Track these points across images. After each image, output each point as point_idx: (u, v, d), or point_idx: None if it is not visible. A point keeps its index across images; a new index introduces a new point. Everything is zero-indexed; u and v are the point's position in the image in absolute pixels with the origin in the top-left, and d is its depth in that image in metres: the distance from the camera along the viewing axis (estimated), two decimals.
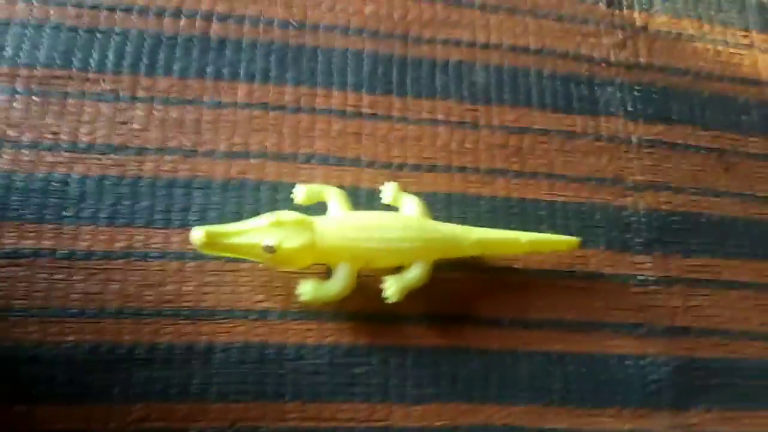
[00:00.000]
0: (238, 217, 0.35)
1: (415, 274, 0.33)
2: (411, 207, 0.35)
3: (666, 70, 0.45)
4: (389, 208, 0.36)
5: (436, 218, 0.37)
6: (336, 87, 0.40)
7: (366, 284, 0.35)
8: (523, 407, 0.34)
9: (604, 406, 0.35)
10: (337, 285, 0.32)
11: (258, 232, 0.31)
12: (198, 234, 0.30)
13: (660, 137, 0.43)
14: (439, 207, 0.38)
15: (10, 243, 0.33)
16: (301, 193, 0.34)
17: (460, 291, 0.36)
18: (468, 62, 0.43)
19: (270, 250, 0.30)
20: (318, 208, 0.35)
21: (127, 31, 0.39)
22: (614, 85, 0.44)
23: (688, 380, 0.36)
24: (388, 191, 0.36)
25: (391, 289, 0.33)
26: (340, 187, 0.36)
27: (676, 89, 0.45)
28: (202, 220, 0.35)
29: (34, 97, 0.37)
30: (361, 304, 0.35)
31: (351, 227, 0.32)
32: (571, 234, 0.38)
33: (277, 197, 0.36)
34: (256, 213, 0.33)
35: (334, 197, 0.34)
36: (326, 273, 0.34)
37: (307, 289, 0.32)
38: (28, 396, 0.30)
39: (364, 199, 0.37)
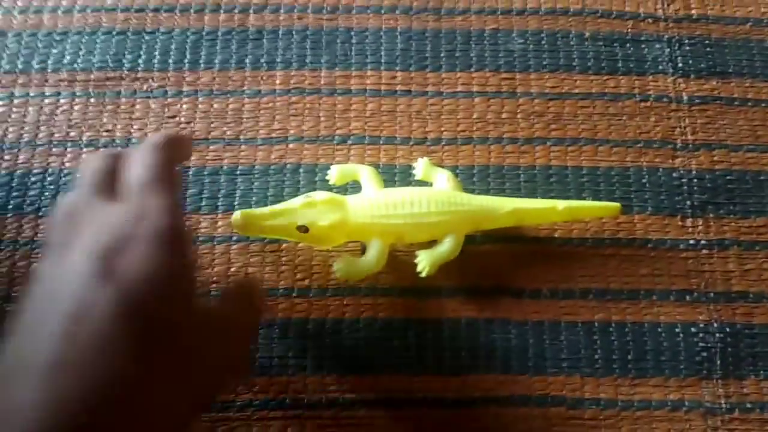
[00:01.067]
0: (279, 199, 0.36)
1: (446, 247, 0.33)
2: (442, 181, 0.35)
3: (721, 20, 0.42)
4: (423, 184, 0.36)
5: (473, 191, 0.37)
6: (370, 67, 0.40)
7: (402, 260, 0.35)
8: (563, 377, 0.34)
9: (648, 376, 0.34)
10: (369, 261, 0.33)
11: (292, 212, 0.32)
12: (237, 216, 0.31)
13: (714, 93, 0.40)
14: (477, 180, 0.38)
15: None
16: (334, 174, 0.35)
17: (496, 263, 0.36)
18: (504, 30, 0.42)
19: (303, 229, 0.31)
20: (355, 187, 0.35)
21: (171, 29, 0.41)
22: (662, 42, 0.41)
23: (742, 348, 0.35)
24: (420, 167, 0.36)
25: (423, 263, 0.33)
26: (376, 165, 0.37)
27: (732, 40, 0.42)
28: (246, 205, 0.37)
29: (91, 99, 0.39)
30: (397, 279, 0.35)
31: (381, 204, 0.33)
32: (615, 200, 0.36)
33: (315, 179, 0.37)
34: (295, 195, 0.34)
35: (366, 176, 0.35)
36: (361, 250, 0.35)
37: (341, 266, 0.33)
38: None
39: (398, 176, 0.38)
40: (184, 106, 0.39)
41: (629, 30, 0.41)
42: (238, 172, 0.38)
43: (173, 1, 0.42)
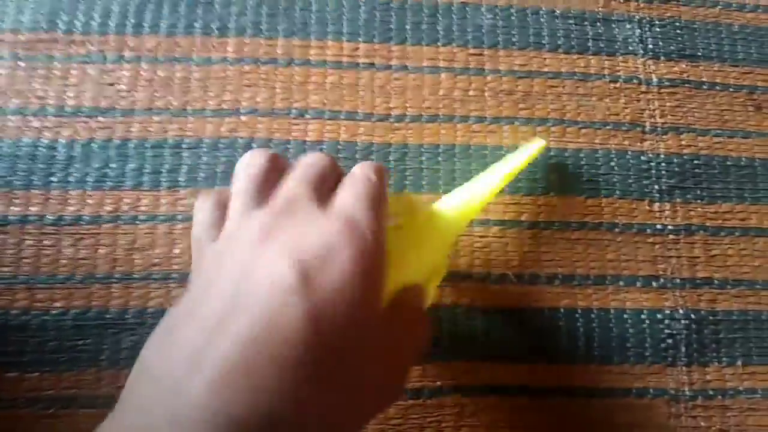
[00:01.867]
0: (228, 176, 0.34)
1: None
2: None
3: (691, 2, 0.41)
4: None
5: (438, 171, 0.35)
6: (331, 37, 0.38)
7: None
8: (527, 365, 0.33)
9: (613, 363, 0.33)
10: None
11: None
12: None
13: (683, 76, 0.39)
14: (442, 160, 0.36)
15: None
16: None
17: (463, 249, 0.34)
18: (473, 4, 0.40)
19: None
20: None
21: None
22: (633, 22, 0.40)
23: (706, 335, 0.34)
24: None
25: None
26: (335, 142, 0.35)
27: (702, 23, 0.41)
28: (192, 181, 0.34)
29: (19, 62, 0.36)
30: None
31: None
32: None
33: None
34: None
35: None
36: None
37: None
38: (18, 363, 0.30)
39: (359, 153, 0.36)
40: (126, 72, 0.36)
41: (600, 9, 0.40)
42: (184, 146, 0.35)
43: None
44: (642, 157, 0.37)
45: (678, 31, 0.40)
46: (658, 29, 0.40)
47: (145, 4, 0.38)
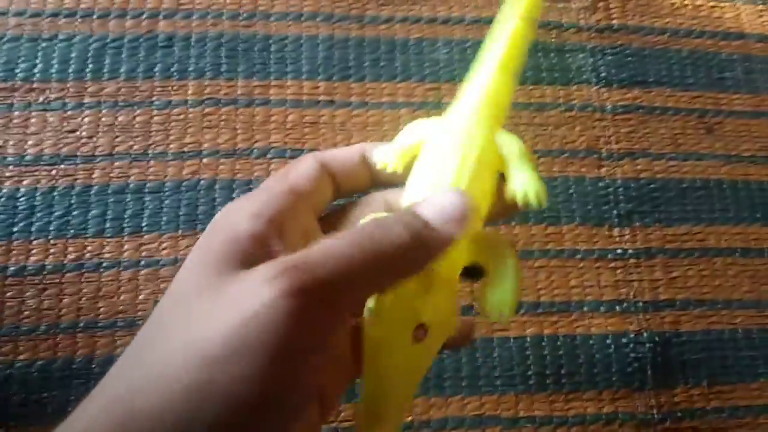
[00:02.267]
0: (191, 218, 0.34)
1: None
2: None
3: (641, 30, 0.43)
4: None
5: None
6: (290, 76, 0.39)
7: None
8: (496, 397, 0.33)
9: (581, 390, 0.34)
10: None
11: None
12: None
13: (636, 102, 0.41)
14: None
15: None
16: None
17: None
18: (429, 39, 0.41)
19: None
20: None
21: (72, 36, 0.38)
22: (586, 51, 0.42)
23: (671, 356, 0.35)
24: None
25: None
26: None
27: (652, 50, 0.43)
28: (155, 225, 0.34)
29: None
30: None
31: None
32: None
33: (233, 195, 0.36)
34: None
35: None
36: None
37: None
38: None
39: None
40: (86, 119, 0.37)
41: (553, 39, 0.42)
42: (146, 190, 0.35)
43: (73, 6, 0.39)
44: (600, 183, 0.38)
45: (629, 59, 0.42)
46: (610, 57, 0.42)
47: (104, 49, 0.38)
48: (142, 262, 0.34)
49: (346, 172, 0.21)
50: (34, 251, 0.33)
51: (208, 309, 0.16)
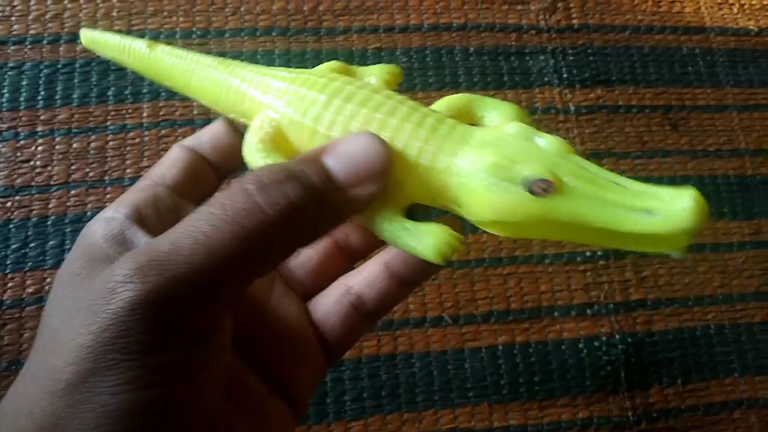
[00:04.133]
0: None
1: None
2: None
3: (601, 29, 0.44)
4: None
5: None
6: None
7: None
8: (470, 408, 0.34)
9: (555, 396, 0.35)
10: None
11: None
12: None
13: (600, 102, 0.42)
14: None
15: None
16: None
17: None
18: (388, 49, 0.42)
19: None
20: None
21: (21, 63, 0.39)
22: (546, 53, 0.43)
23: (644, 357, 0.36)
24: None
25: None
26: None
27: (613, 48, 0.44)
28: None
29: None
30: None
31: None
32: None
33: None
34: None
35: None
36: None
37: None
38: None
39: None
40: (40, 147, 0.37)
41: (513, 43, 0.43)
42: None
43: (22, 32, 0.39)
44: None
45: (591, 58, 0.43)
46: (571, 58, 0.43)
47: (56, 75, 0.39)
48: None
49: (219, 150, 0.20)
50: None
51: (63, 330, 0.15)
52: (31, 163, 0.37)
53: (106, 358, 0.14)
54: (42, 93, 0.38)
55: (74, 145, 0.37)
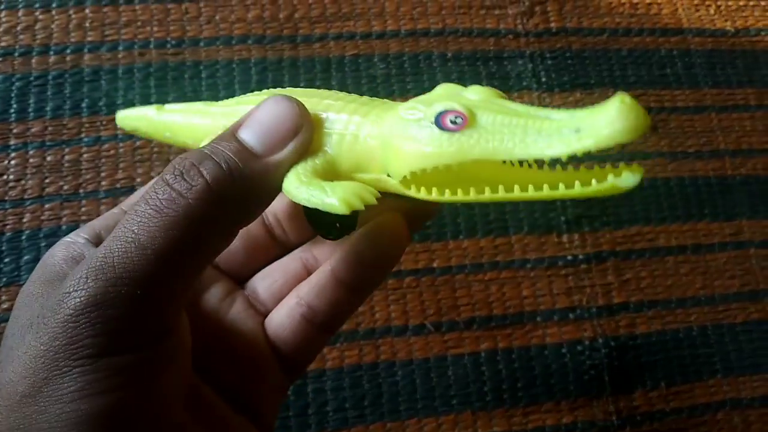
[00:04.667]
0: None
1: None
2: None
3: (579, 32, 0.44)
4: None
5: None
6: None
7: None
8: (453, 416, 0.34)
9: (539, 402, 0.35)
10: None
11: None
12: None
13: (579, 105, 0.42)
14: None
15: None
16: None
17: (375, 302, 0.36)
18: (365, 55, 0.42)
19: None
20: None
21: None
22: (525, 57, 0.43)
23: (628, 361, 0.36)
24: None
25: None
26: None
27: (592, 51, 0.44)
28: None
29: None
30: None
31: None
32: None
33: None
34: None
35: None
36: None
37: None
38: None
39: None
40: (13, 161, 0.37)
41: (491, 47, 0.43)
42: None
43: None
44: None
45: (570, 62, 0.43)
46: (550, 62, 0.43)
47: (28, 87, 0.38)
48: None
49: None
50: None
51: (16, 346, 0.16)
52: (4, 177, 0.36)
53: (59, 366, 0.15)
54: (14, 106, 0.38)
55: (48, 158, 0.37)
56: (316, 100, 0.19)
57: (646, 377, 0.36)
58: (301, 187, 0.17)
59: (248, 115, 0.18)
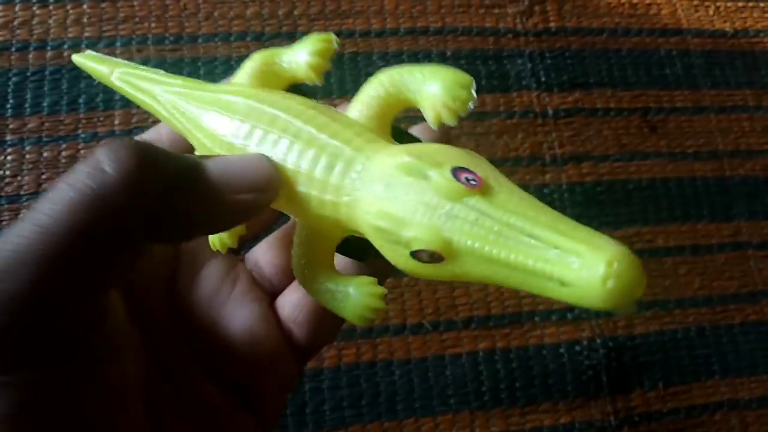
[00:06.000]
0: None
1: None
2: None
3: (579, 31, 0.45)
4: None
5: None
6: None
7: None
8: (451, 416, 0.34)
9: (537, 402, 0.35)
10: None
11: None
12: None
13: (578, 105, 0.43)
14: None
15: None
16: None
17: None
18: (364, 53, 0.42)
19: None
20: None
21: None
22: (524, 56, 0.43)
23: (626, 361, 0.36)
24: None
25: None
26: None
27: (591, 51, 0.44)
28: None
29: None
30: None
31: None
32: None
33: None
34: None
35: None
36: None
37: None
38: None
39: None
40: (9, 157, 0.37)
41: (490, 47, 0.43)
42: None
43: None
44: (545, 190, 0.40)
45: (569, 61, 0.44)
46: (549, 61, 0.43)
47: (25, 83, 0.39)
48: None
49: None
50: None
51: None
52: (0, 172, 0.37)
53: None
54: (11, 101, 0.38)
55: (45, 154, 0.37)
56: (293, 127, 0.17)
57: (644, 378, 0.36)
58: (313, 286, 0.18)
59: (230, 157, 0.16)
